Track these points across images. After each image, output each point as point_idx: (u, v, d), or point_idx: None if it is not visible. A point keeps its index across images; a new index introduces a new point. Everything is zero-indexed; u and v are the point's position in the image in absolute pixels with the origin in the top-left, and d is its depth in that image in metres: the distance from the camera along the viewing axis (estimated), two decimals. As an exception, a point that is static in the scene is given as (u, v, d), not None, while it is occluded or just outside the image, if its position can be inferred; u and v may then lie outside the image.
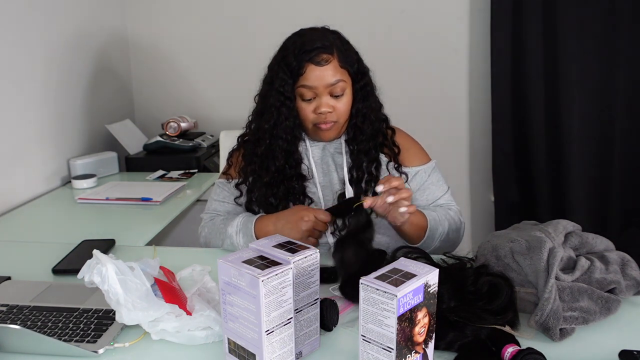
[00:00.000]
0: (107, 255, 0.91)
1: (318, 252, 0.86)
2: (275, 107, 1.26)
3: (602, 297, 0.95)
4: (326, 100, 1.24)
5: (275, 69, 1.27)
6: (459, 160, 2.56)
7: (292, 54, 1.23)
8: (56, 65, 2.10)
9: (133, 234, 1.55)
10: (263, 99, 1.31)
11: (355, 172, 1.31)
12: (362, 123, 1.30)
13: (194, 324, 0.91)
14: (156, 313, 0.90)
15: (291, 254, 0.83)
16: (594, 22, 2.18)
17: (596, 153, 2.30)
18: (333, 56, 1.23)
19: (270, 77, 1.28)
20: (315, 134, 1.31)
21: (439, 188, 1.37)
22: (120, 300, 0.88)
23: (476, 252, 1.10)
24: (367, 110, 1.30)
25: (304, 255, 0.84)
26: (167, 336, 0.91)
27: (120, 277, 0.88)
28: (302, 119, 1.28)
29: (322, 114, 1.24)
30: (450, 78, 2.48)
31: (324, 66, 1.22)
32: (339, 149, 1.35)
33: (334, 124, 1.27)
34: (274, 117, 1.26)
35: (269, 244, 0.87)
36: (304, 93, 1.24)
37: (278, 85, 1.25)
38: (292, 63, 1.23)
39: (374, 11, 2.44)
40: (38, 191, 1.98)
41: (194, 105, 2.67)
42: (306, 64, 1.22)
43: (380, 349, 0.74)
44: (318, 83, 1.22)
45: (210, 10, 2.57)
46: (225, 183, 1.39)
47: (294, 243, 0.88)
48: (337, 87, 1.24)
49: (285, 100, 1.25)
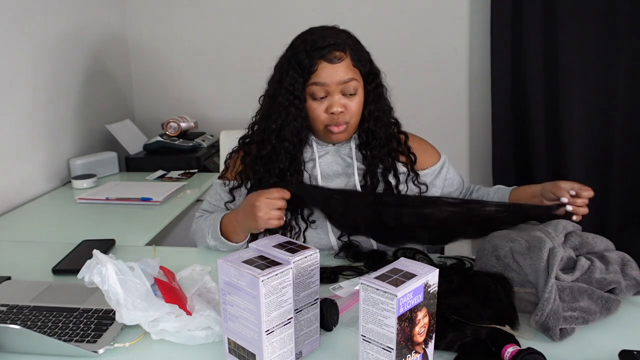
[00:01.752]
0: (107, 256, 0.91)
1: (318, 252, 0.86)
2: (284, 107, 1.21)
3: (602, 297, 0.95)
4: (338, 99, 1.20)
5: (284, 67, 1.22)
6: (459, 159, 2.55)
7: (303, 51, 1.19)
8: (56, 65, 2.10)
9: (133, 234, 1.55)
10: (270, 99, 1.26)
11: (369, 178, 1.27)
12: (374, 126, 1.26)
13: (194, 324, 0.91)
14: (156, 313, 0.90)
15: (291, 254, 0.83)
16: (594, 22, 2.18)
17: (596, 153, 2.30)
18: (346, 54, 1.19)
19: (279, 76, 1.23)
20: (325, 136, 1.26)
21: (456, 174, 1.39)
22: (121, 300, 0.88)
23: (476, 253, 1.10)
24: (379, 112, 1.26)
25: (304, 255, 0.84)
26: (167, 336, 0.91)
27: (120, 277, 0.88)
28: (312, 120, 1.23)
29: (334, 114, 1.20)
30: (450, 78, 2.48)
31: (336, 64, 1.18)
32: (349, 154, 1.31)
33: (345, 126, 1.23)
34: (281, 117, 1.22)
35: (269, 244, 0.87)
36: (315, 91, 1.20)
37: (288, 83, 1.20)
38: (303, 60, 1.18)
39: (373, 11, 2.44)
40: (38, 191, 1.98)
41: (194, 105, 2.67)
42: (318, 61, 1.18)
43: (380, 349, 0.74)
44: (330, 80, 1.18)
45: (210, 10, 2.57)
46: (221, 185, 1.36)
47: (294, 243, 0.87)
48: (350, 85, 1.20)
49: (294, 100, 1.20)
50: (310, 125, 1.25)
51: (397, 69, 2.49)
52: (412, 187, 1.30)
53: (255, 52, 2.55)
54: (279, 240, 0.89)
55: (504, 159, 2.40)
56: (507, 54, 2.30)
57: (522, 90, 2.31)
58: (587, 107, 2.25)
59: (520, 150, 2.39)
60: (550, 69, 2.25)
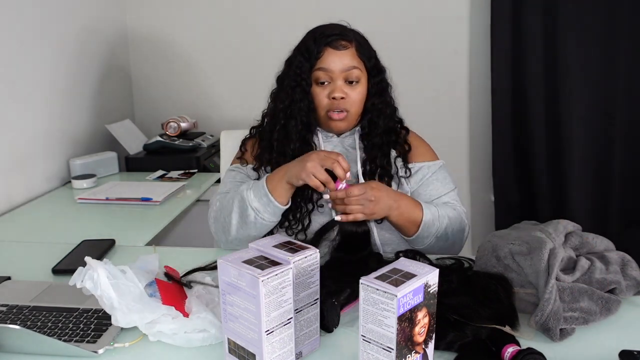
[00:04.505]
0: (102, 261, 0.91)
1: (318, 252, 0.86)
2: (291, 87, 1.28)
3: (602, 297, 0.94)
4: (340, 85, 1.26)
5: (294, 54, 1.31)
6: (459, 160, 2.56)
7: (311, 39, 1.28)
8: (56, 65, 2.10)
9: (133, 234, 1.55)
10: (279, 84, 1.33)
11: (369, 165, 1.32)
12: (377, 118, 1.32)
13: (191, 326, 0.90)
14: (152, 315, 0.89)
15: (291, 254, 0.83)
16: (594, 21, 2.18)
17: (596, 153, 2.30)
18: (352, 44, 1.27)
19: (289, 62, 1.31)
20: (326, 123, 1.31)
21: (444, 186, 1.35)
22: (115, 304, 0.88)
23: (476, 253, 1.10)
24: (382, 105, 1.32)
25: (304, 255, 0.83)
26: (164, 338, 0.91)
27: (113, 281, 0.88)
28: (316, 106, 1.29)
29: (335, 99, 1.26)
30: (450, 78, 2.48)
31: (341, 51, 1.26)
32: (352, 145, 1.35)
33: (346, 115, 1.28)
34: (289, 97, 1.28)
35: (269, 243, 0.87)
36: (319, 76, 1.26)
37: (295, 66, 1.28)
38: (310, 46, 1.26)
39: (373, 11, 2.44)
40: (38, 191, 1.98)
41: (194, 105, 2.67)
42: (324, 48, 1.26)
43: (380, 349, 0.74)
44: (334, 66, 1.25)
45: (210, 10, 2.57)
46: (240, 167, 1.37)
47: (294, 243, 0.87)
48: (353, 73, 1.26)
49: (301, 81, 1.27)
50: (315, 111, 1.30)
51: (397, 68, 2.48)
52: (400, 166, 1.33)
53: (256, 52, 2.55)
54: (279, 240, 0.88)
55: (504, 159, 2.40)
56: (507, 54, 2.30)
57: (522, 90, 2.31)
58: (587, 107, 2.25)
59: (520, 150, 2.38)
60: (550, 69, 2.25)
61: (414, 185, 1.34)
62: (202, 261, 1.18)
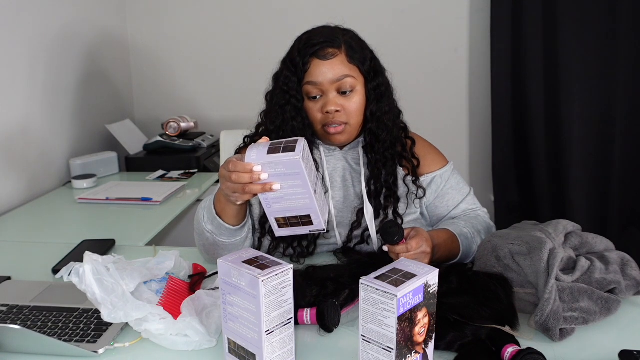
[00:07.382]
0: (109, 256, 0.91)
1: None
2: (280, 106, 1.18)
3: (602, 297, 0.95)
4: (333, 97, 1.15)
5: (280, 67, 1.21)
6: (459, 160, 2.55)
7: (296, 50, 1.17)
8: (56, 65, 2.10)
9: (133, 234, 1.55)
10: (270, 99, 1.23)
11: (373, 184, 1.22)
12: (377, 128, 1.21)
13: (176, 328, 0.89)
14: (137, 313, 0.89)
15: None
16: (594, 22, 2.18)
17: (596, 153, 2.30)
18: (340, 50, 1.16)
19: (275, 80, 1.21)
20: (325, 138, 1.22)
21: (459, 192, 1.29)
22: (98, 299, 0.88)
23: (476, 253, 1.10)
24: (380, 113, 1.20)
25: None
26: (151, 337, 0.90)
27: (97, 277, 0.89)
28: (311, 121, 1.19)
29: (329, 113, 1.15)
30: (450, 78, 2.48)
31: (329, 60, 1.14)
32: (356, 159, 1.26)
33: (344, 127, 1.18)
34: (279, 118, 1.18)
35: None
36: (309, 90, 1.16)
37: (282, 83, 1.18)
38: (295, 59, 1.16)
39: (373, 11, 2.44)
40: (38, 191, 1.98)
41: (194, 105, 2.67)
42: (310, 59, 1.15)
43: (380, 349, 0.74)
44: (323, 79, 1.14)
45: (210, 10, 2.57)
46: None
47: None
48: (345, 83, 1.15)
49: (290, 99, 1.17)
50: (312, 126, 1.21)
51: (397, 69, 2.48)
52: (412, 188, 1.26)
53: (256, 52, 2.55)
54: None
55: (504, 159, 2.41)
56: (507, 54, 2.30)
57: (522, 90, 2.31)
58: (587, 107, 2.25)
59: (520, 150, 2.39)
60: (550, 69, 2.25)
61: (430, 197, 1.28)
62: (201, 261, 1.18)
